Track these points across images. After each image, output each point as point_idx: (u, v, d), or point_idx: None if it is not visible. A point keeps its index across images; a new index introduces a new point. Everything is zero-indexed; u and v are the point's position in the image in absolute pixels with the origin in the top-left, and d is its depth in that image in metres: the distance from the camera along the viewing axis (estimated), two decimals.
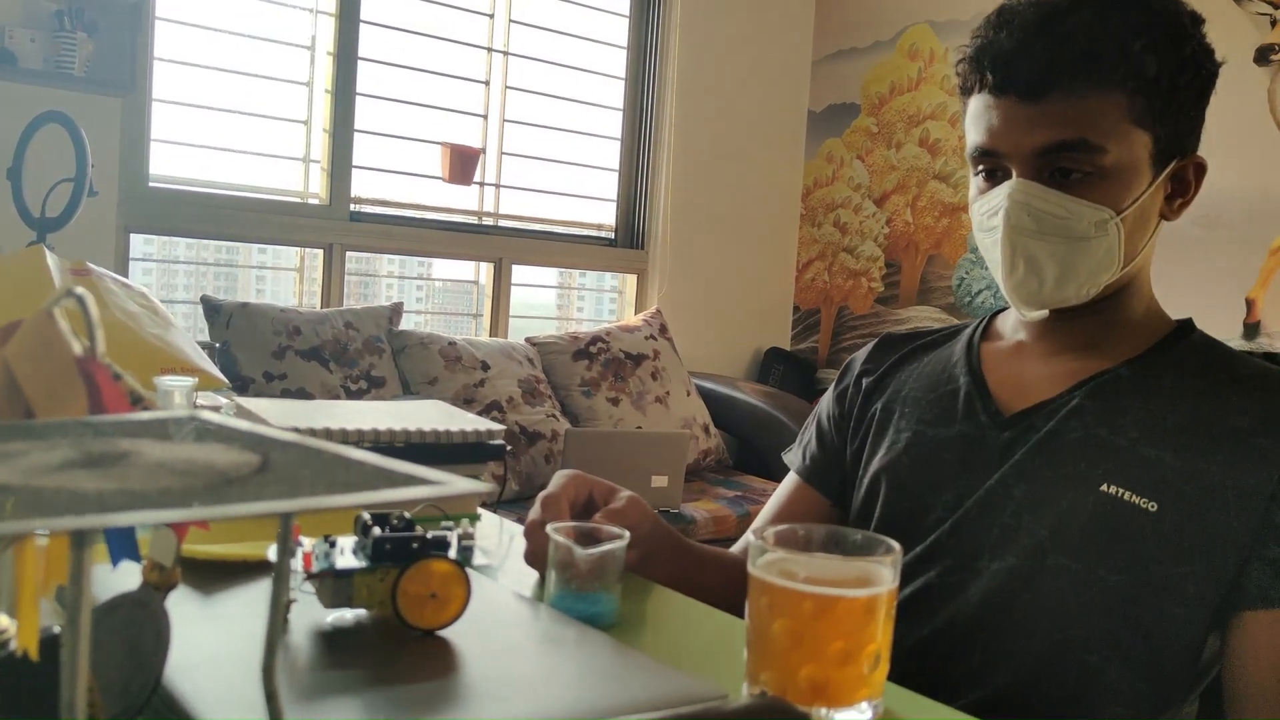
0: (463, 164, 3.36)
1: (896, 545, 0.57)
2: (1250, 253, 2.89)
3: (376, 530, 0.59)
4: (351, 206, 3.20)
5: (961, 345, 1.00)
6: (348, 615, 0.61)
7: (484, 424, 0.97)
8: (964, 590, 0.86)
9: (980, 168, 0.89)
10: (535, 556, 0.78)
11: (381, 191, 3.32)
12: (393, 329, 2.93)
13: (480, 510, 0.99)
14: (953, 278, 3.64)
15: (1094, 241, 0.85)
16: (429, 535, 0.60)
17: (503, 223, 3.59)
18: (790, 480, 1.09)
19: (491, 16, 3.48)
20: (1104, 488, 0.83)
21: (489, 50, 3.48)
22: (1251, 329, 2.89)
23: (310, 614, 0.59)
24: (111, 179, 2.67)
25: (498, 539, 0.94)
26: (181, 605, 0.50)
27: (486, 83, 3.49)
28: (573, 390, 3.16)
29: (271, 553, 0.57)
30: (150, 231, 2.91)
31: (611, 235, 3.84)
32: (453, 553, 0.60)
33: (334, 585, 0.58)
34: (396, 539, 0.59)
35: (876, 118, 3.88)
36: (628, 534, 0.69)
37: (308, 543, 0.59)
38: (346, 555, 0.59)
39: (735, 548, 1.08)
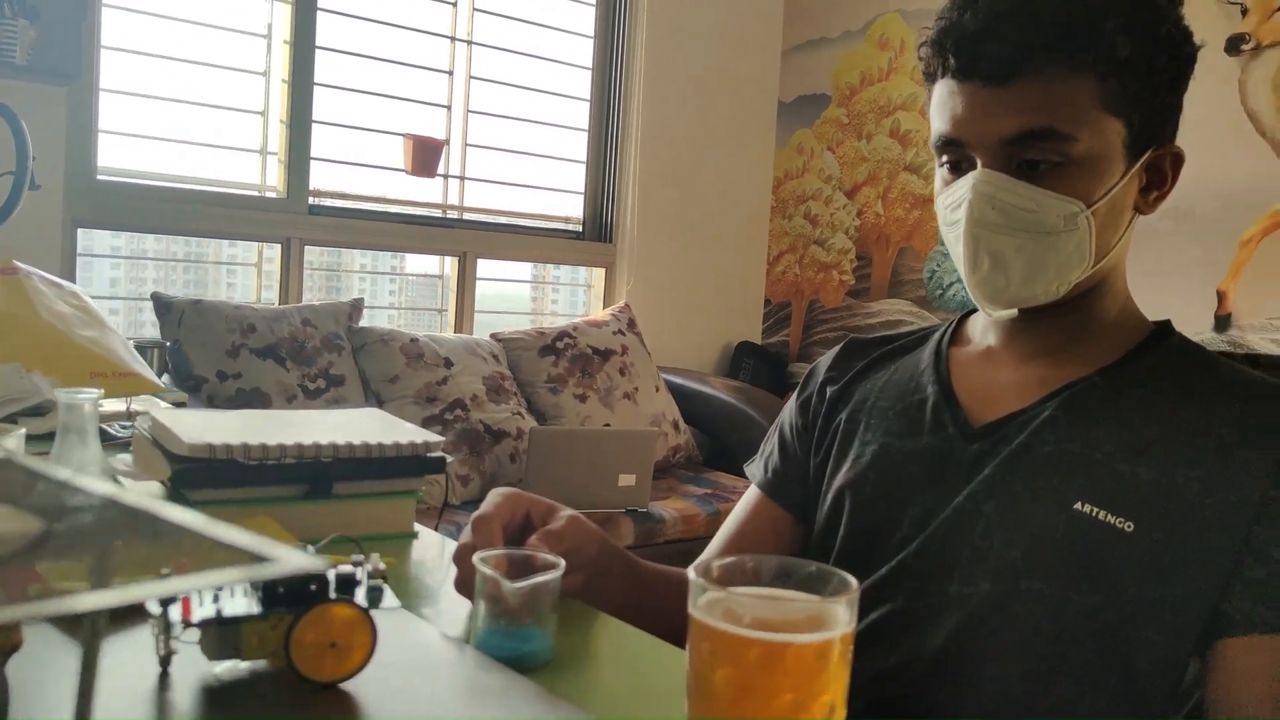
0: (426, 156, 3.28)
1: (854, 581, 0.52)
2: (1221, 245, 2.87)
3: None
4: (310, 200, 3.11)
5: (929, 351, 0.95)
6: (240, 667, 0.54)
7: (422, 435, 0.91)
8: (933, 617, 0.81)
9: (944, 158, 0.84)
10: (465, 584, 0.72)
11: (342, 184, 3.24)
12: (353, 325, 2.85)
13: (419, 528, 0.92)
14: (924, 270, 3.61)
15: (1063, 236, 0.79)
16: (332, 574, 0.54)
17: (467, 216, 3.52)
18: (752, 494, 1.03)
19: (455, 5, 3.40)
20: (1078, 506, 0.77)
21: (452, 39, 3.40)
22: (1223, 321, 2.87)
23: (195, 667, 0.53)
24: (57, 172, 2.57)
25: (439, 561, 0.88)
26: (33, 666, 0.44)
27: (450, 73, 3.41)
28: (539, 387, 3.09)
29: (152, 604, 0.51)
30: (99, 226, 2.82)
31: (579, 228, 3.77)
32: (360, 594, 0.54)
33: (219, 634, 0.51)
34: (290, 581, 0.52)
35: (847, 108, 3.83)
36: (563, 563, 0.63)
37: None
38: (236, 599, 0.53)
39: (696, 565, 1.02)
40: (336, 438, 0.85)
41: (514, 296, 4.10)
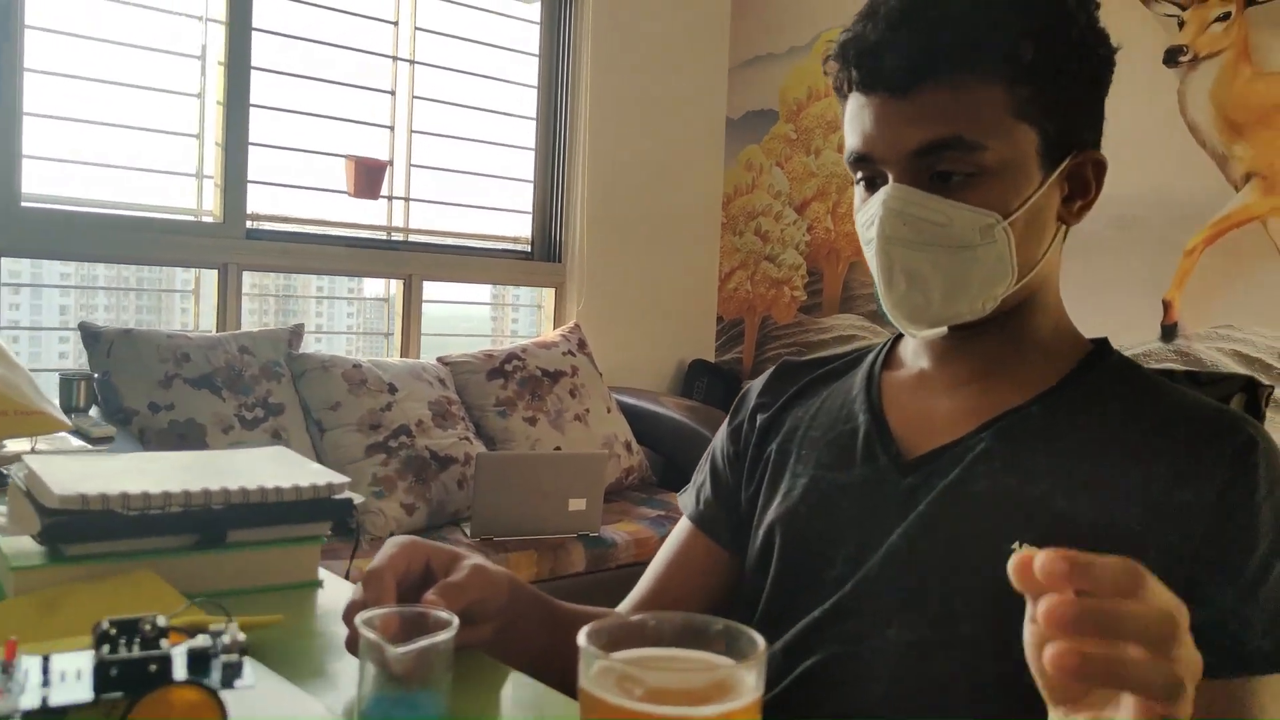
0: (369, 177, 3.22)
1: (762, 642, 0.47)
2: (1166, 254, 2.88)
3: (106, 648, 0.47)
4: (248, 224, 3.03)
5: (861, 377, 0.91)
6: None
7: (326, 475, 0.85)
8: (870, 665, 0.77)
9: (859, 175, 0.81)
10: (355, 646, 0.67)
11: (284, 207, 3.16)
12: (292, 352, 2.77)
13: (325, 574, 0.86)
14: (874, 285, 3.59)
15: (981, 249, 0.76)
16: (180, 650, 0.48)
17: (413, 238, 3.45)
18: (683, 526, 0.99)
19: (396, 24, 3.35)
20: (1015, 546, 0.74)
21: (394, 59, 3.34)
22: (1169, 330, 2.88)
23: None
24: None
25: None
26: None
27: (393, 93, 3.35)
28: (488, 411, 3.03)
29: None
30: (24, 255, 2.72)
31: (528, 248, 3.72)
32: (214, 672, 0.48)
33: None
34: (126, 661, 0.46)
35: (795, 124, 3.82)
36: (456, 621, 0.58)
37: (25, 661, 0.47)
38: (67, 682, 0.47)
39: (624, 605, 0.97)
40: (230, 482, 0.79)
41: (475, 318, 4.04)
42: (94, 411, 2.38)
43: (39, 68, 2.65)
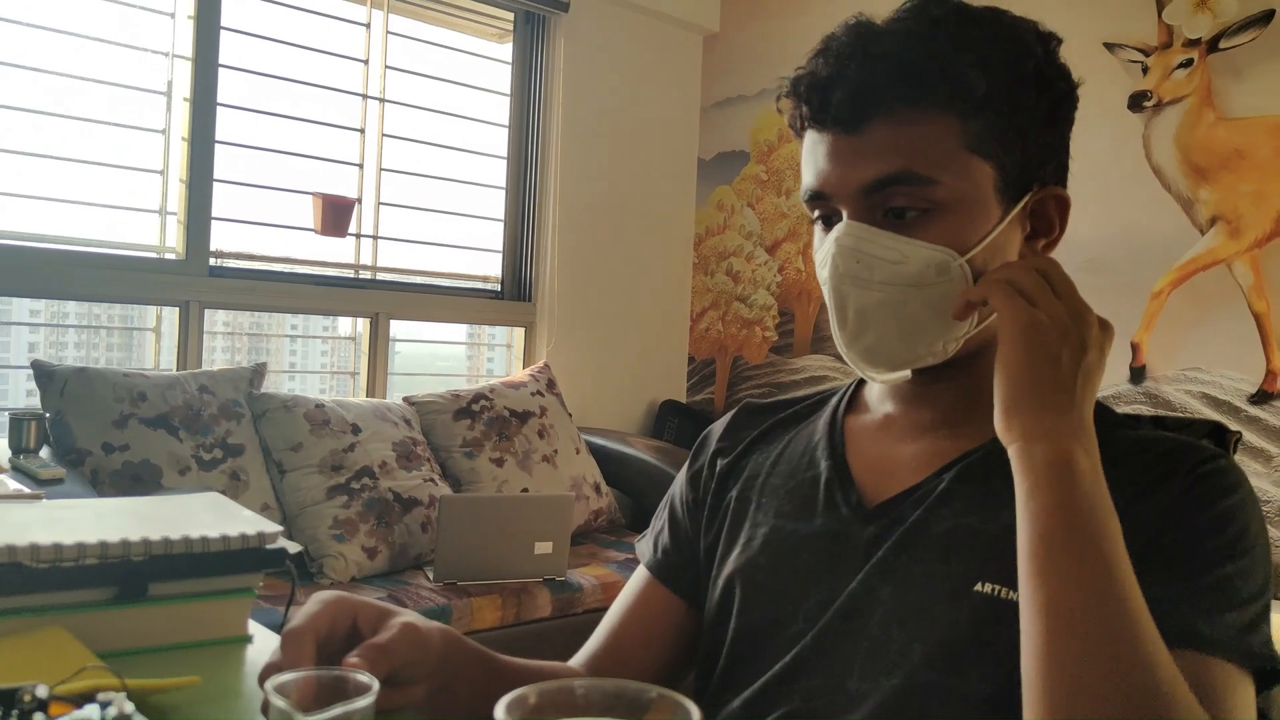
0: (336, 215, 3.18)
1: (696, 711, 0.44)
2: (1134, 296, 2.89)
3: None
4: (211, 261, 2.99)
5: (824, 422, 0.88)
6: None
7: (258, 525, 0.81)
8: (832, 718, 0.73)
9: (816, 213, 0.79)
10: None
11: (249, 245, 3.12)
12: (253, 392, 2.72)
13: (256, 629, 0.82)
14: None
15: (937, 288, 0.74)
16: None
17: (381, 276, 3.41)
18: (640, 575, 0.95)
19: (366, 62, 3.33)
20: (978, 588, 0.71)
21: (364, 97, 3.32)
22: (1138, 373, 2.88)
23: None
24: None
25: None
26: None
27: (362, 130, 3.33)
28: (454, 452, 2.98)
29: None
30: None
31: (498, 287, 3.69)
32: None
33: None
34: None
35: (765, 165, 3.83)
36: (376, 685, 0.53)
37: None
38: None
39: (578, 657, 0.93)
40: (153, 531, 0.75)
41: (451, 358, 3.99)
42: (44, 452, 2.31)
43: (2, 102, 2.61)
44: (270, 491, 2.58)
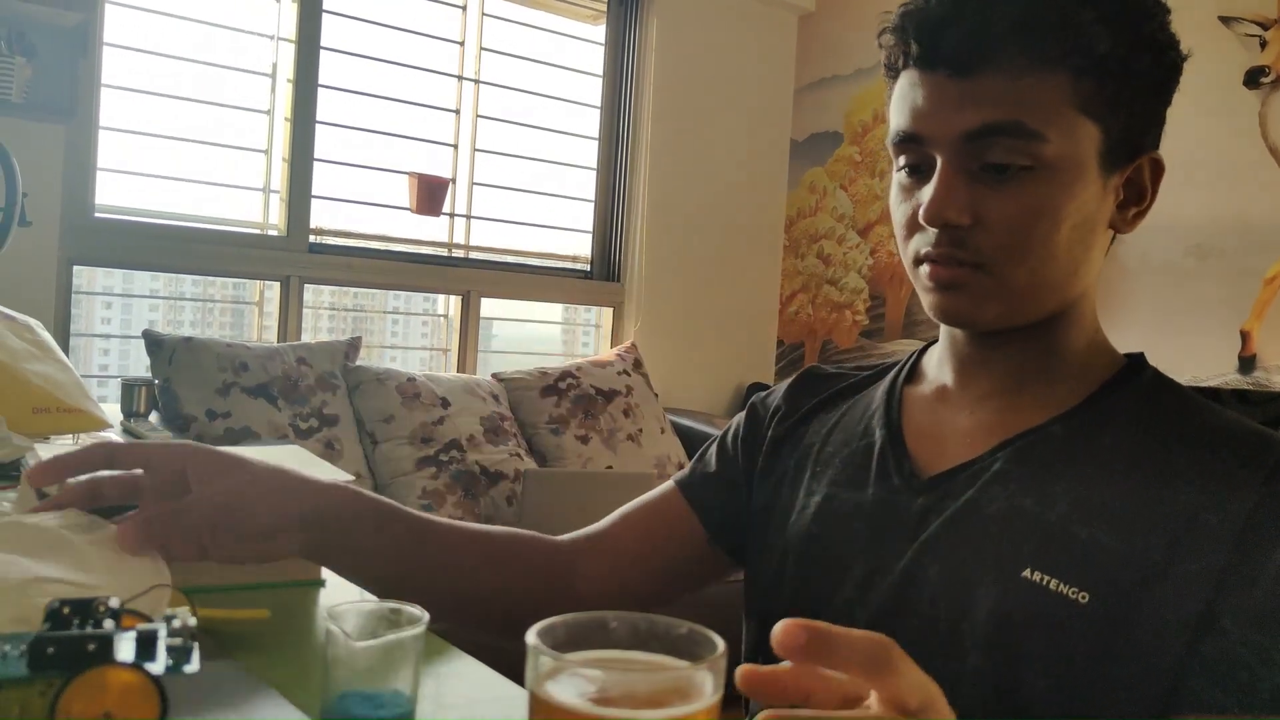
0: (431, 194, 3.26)
1: (720, 644, 0.44)
2: (1244, 283, 2.76)
3: (48, 625, 0.46)
4: (311, 238, 3.09)
5: (882, 391, 0.86)
6: None
7: (334, 474, 0.84)
8: None
9: (902, 160, 0.75)
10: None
11: (346, 223, 3.22)
12: (349, 364, 2.81)
13: (326, 573, 0.85)
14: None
15: None
16: (126, 633, 0.47)
17: (473, 255, 3.48)
18: (666, 486, 0.94)
19: (462, 44, 3.39)
20: (1026, 574, 0.68)
21: (459, 78, 3.39)
22: (1247, 363, 2.75)
23: None
24: (53, 209, 2.56)
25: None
26: None
27: (457, 111, 3.39)
28: (540, 428, 3.03)
29: None
30: (96, 264, 2.81)
31: (587, 267, 3.72)
32: (159, 656, 0.47)
33: None
34: (64, 639, 0.45)
35: (859, 146, 3.77)
36: (425, 616, 0.55)
37: None
38: (9, 659, 0.46)
39: (576, 533, 0.93)
40: None
41: (546, 338, 4.03)
42: (153, 417, 2.43)
43: (116, 84, 2.74)
44: (363, 461, 2.67)
